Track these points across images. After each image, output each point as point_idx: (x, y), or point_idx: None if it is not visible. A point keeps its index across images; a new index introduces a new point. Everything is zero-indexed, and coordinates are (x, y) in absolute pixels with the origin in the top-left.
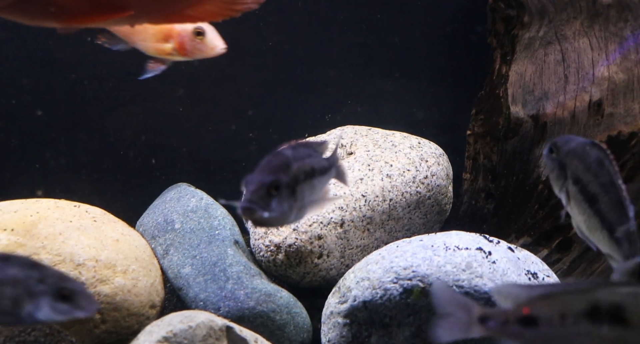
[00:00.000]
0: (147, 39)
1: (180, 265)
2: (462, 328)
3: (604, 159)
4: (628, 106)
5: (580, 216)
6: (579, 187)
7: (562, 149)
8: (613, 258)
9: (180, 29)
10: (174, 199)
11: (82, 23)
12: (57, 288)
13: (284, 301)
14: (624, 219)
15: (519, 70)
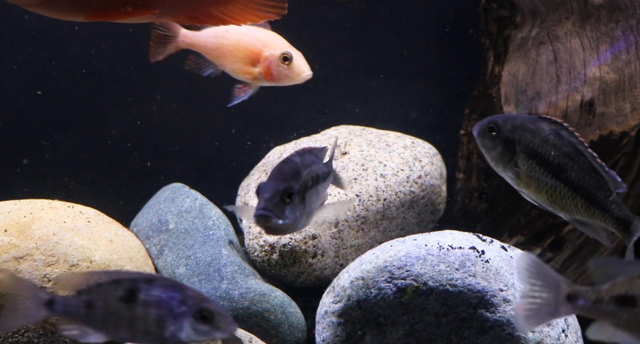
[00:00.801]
0: (236, 62)
1: (175, 265)
2: (549, 309)
3: (560, 131)
4: (619, 105)
5: (541, 187)
6: (537, 161)
7: (504, 126)
8: (584, 224)
9: (268, 53)
10: (168, 200)
11: (109, 18)
12: (198, 308)
13: (278, 300)
14: (601, 183)
15: (511, 71)
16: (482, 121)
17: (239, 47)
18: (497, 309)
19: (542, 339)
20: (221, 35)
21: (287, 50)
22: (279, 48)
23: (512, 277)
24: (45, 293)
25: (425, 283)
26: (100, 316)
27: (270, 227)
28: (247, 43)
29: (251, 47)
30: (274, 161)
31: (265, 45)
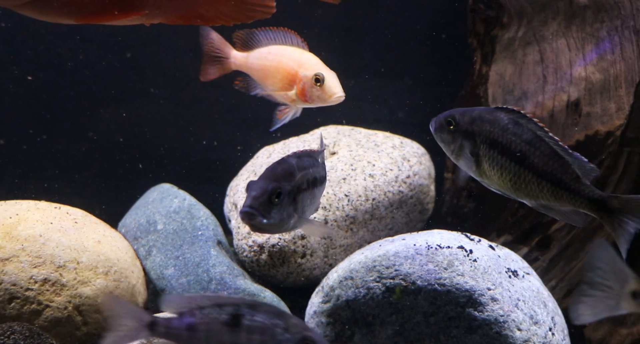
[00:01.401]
0: (275, 83)
1: (163, 266)
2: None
3: (519, 119)
4: (605, 105)
5: (504, 176)
6: (499, 150)
7: (462, 119)
8: (550, 208)
9: (303, 74)
10: (156, 200)
11: (98, 21)
12: (301, 337)
13: (267, 301)
14: (565, 167)
15: (499, 71)
16: (437, 116)
17: (278, 68)
18: (485, 308)
19: (530, 338)
20: (264, 56)
21: (319, 71)
22: (312, 69)
23: (500, 276)
24: (147, 315)
25: (414, 282)
26: (202, 339)
27: (254, 225)
28: (284, 64)
29: (288, 68)
30: (263, 161)
31: (301, 66)
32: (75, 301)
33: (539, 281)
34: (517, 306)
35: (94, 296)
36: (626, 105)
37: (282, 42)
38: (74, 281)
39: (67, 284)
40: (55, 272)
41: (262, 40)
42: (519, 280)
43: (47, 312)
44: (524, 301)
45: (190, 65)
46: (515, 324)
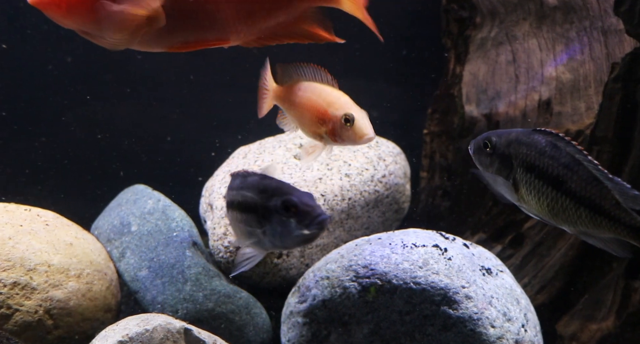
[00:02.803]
0: (306, 122)
1: (137, 268)
2: None
3: (557, 141)
4: (575, 104)
5: (542, 201)
6: (536, 174)
7: (499, 141)
8: (589, 235)
9: (332, 114)
10: (130, 201)
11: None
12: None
13: (243, 301)
14: (604, 192)
15: (472, 70)
16: (476, 138)
17: (308, 106)
18: (460, 306)
19: (503, 335)
20: (298, 93)
21: (349, 112)
22: (342, 108)
23: (474, 274)
24: None
25: (390, 281)
26: None
27: None
28: (314, 102)
29: (318, 107)
30: (239, 161)
31: (330, 105)
32: (46, 305)
33: (512, 278)
34: (490, 304)
35: (65, 299)
36: (595, 104)
37: (312, 78)
38: (45, 284)
39: (38, 288)
40: (25, 275)
41: (293, 75)
42: (492, 278)
43: (17, 316)
44: (497, 298)
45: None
46: (489, 322)
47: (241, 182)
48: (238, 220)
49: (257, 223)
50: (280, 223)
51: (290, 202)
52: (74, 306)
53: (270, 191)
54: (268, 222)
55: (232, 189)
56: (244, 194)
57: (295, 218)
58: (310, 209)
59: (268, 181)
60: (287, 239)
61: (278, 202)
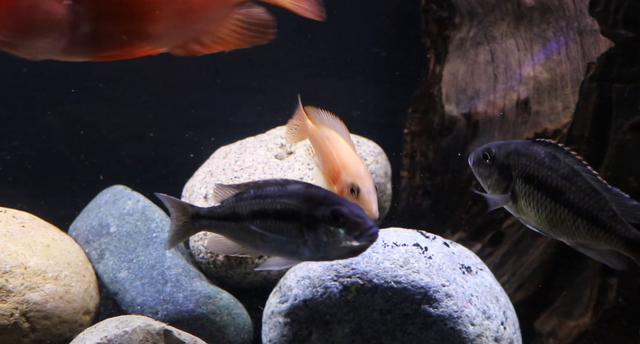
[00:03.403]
0: (323, 171)
1: (116, 269)
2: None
3: (556, 152)
4: (552, 104)
5: (540, 212)
6: (535, 185)
7: (498, 153)
8: (587, 246)
9: (343, 179)
10: (109, 202)
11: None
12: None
13: (224, 302)
14: (602, 204)
15: (451, 70)
16: (476, 150)
17: (328, 158)
18: (440, 304)
19: (482, 332)
20: (322, 139)
21: (356, 183)
22: (352, 177)
23: (454, 272)
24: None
25: (371, 280)
26: None
27: None
28: (334, 159)
29: (334, 165)
30: (219, 161)
31: (344, 169)
32: (22, 308)
33: (491, 276)
34: (470, 302)
35: (42, 301)
36: (572, 103)
37: (339, 131)
38: (21, 286)
39: (14, 291)
40: (1, 278)
41: (324, 120)
42: (472, 276)
43: None
44: (477, 296)
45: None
46: (469, 320)
47: (279, 190)
48: (271, 229)
49: (298, 232)
50: (327, 233)
51: (340, 212)
52: (51, 309)
53: (317, 199)
54: (312, 231)
55: (262, 197)
56: (285, 202)
57: (345, 229)
58: (362, 220)
59: (315, 189)
60: (333, 250)
61: (327, 212)
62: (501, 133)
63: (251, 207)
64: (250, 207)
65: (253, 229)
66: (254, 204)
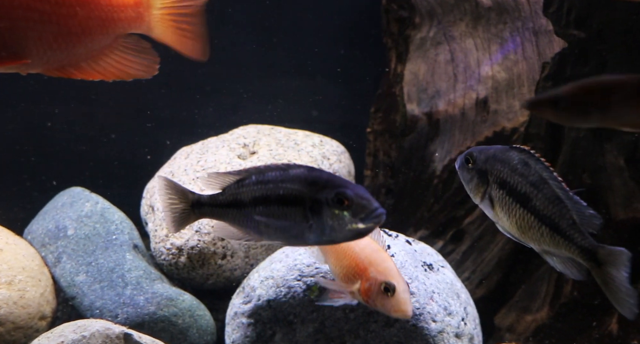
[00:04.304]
0: (339, 266)
1: (74, 273)
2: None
3: (528, 159)
4: (510, 103)
5: (511, 218)
6: (507, 191)
7: (479, 157)
8: (552, 255)
9: (372, 276)
10: (66, 204)
11: None
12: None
13: (186, 304)
14: (564, 212)
15: (413, 70)
16: (463, 153)
17: (347, 253)
18: None
19: (444, 329)
20: None
21: (392, 282)
22: (385, 274)
23: (416, 270)
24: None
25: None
26: None
27: None
28: (355, 254)
29: (358, 261)
30: (181, 162)
31: (372, 265)
32: None
33: (452, 273)
34: (432, 299)
35: None
36: None
37: None
38: None
39: None
40: None
41: None
42: (434, 273)
43: None
44: (438, 293)
45: None
46: (431, 316)
47: (281, 175)
48: (275, 215)
49: (302, 217)
50: (332, 217)
51: (345, 194)
52: (5, 315)
53: (321, 183)
54: (317, 215)
55: (264, 182)
56: (287, 187)
57: (350, 211)
58: (367, 202)
59: (318, 172)
60: (339, 234)
61: (331, 195)
62: (461, 132)
63: (253, 193)
64: (253, 193)
65: (257, 217)
66: (256, 190)
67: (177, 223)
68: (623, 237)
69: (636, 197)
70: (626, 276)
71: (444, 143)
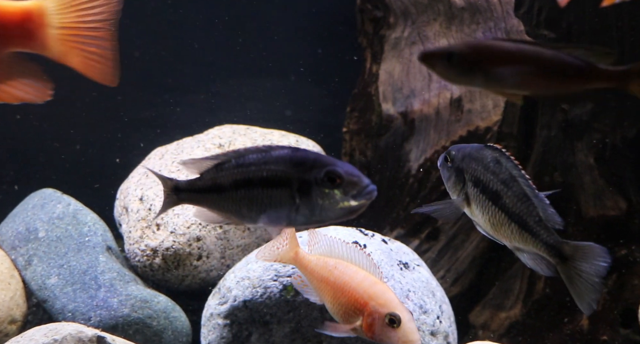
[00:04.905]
0: (337, 305)
1: (46, 276)
2: None
3: (500, 158)
4: (483, 102)
5: (485, 215)
6: (480, 188)
7: (456, 155)
8: (523, 251)
9: (374, 309)
10: (37, 206)
11: None
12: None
13: (161, 306)
14: (531, 209)
15: (388, 69)
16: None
17: (344, 290)
18: None
19: (419, 327)
20: (329, 269)
21: (396, 313)
22: (387, 306)
23: (392, 268)
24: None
25: None
26: None
27: None
28: (352, 289)
29: (356, 296)
30: (155, 162)
31: (373, 299)
32: None
33: (428, 271)
34: (407, 297)
35: None
36: (501, 102)
37: (353, 259)
38: None
39: None
40: None
41: (328, 247)
42: (409, 272)
43: None
44: (414, 291)
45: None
46: None
47: (263, 157)
48: (259, 198)
49: (288, 198)
50: (322, 196)
51: (336, 172)
52: None
53: (309, 163)
54: (305, 196)
55: (245, 165)
56: (272, 169)
57: (341, 189)
58: (358, 179)
59: (303, 153)
60: (329, 213)
61: (320, 174)
62: (436, 131)
63: (234, 176)
64: (233, 176)
65: (239, 199)
66: (237, 173)
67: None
68: (593, 234)
69: (605, 195)
70: (592, 271)
71: (420, 142)
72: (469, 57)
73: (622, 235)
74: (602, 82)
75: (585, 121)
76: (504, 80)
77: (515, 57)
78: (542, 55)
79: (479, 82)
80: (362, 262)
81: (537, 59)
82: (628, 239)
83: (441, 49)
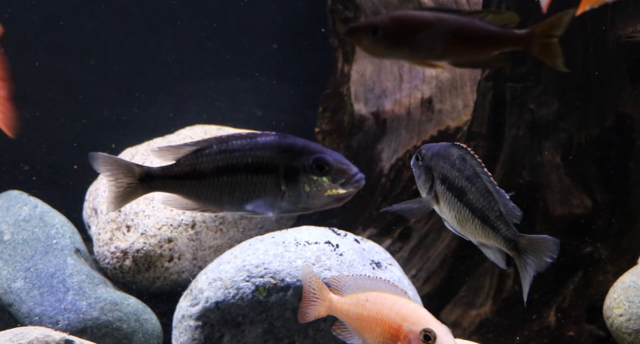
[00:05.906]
0: (375, 337)
1: (11, 279)
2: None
3: (465, 155)
4: (453, 102)
5: (451, 212)
6: (447, 185)
7: (426, 154)
8: (486, 246)
9: (408, 329)
10: (2, 208)
11: None
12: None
13: (131, 308)
14: (492, 204)
15: (359, 70)
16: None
17: (377, 319)
18: None
19: None
20: (361, 304)
21: (429, 327)
22: (420, 323)
23: (365, 268)
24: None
25: (283, 279)
26: None
27: None
28: (385, 316)
29: (390, 321)
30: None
31: (405, 320)
32: None
33: (400, 270)
34: None
35: None
36: (471, 102)
37: (381, 289)
38: None
39: None
40: None
41: (356, 286)
42: (382, 271)
43: None
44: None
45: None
46: None
47: (248, 143)
48: (242, 184)
49: (274, 185)
50: (309, 183)
51: (324, 160)
52: None
53: (297, 150)
54: (291, 183)
55: (229, 151)
56: (257, 155)
57: (329, 177)
58: (346, 166)
59: (291, 139)
60: (316, 200)
61: (308, 161)
62: (408, 131)
63: (216, 162)
64: (215, 162)
65: (220, 186)
66: (220, 160)
67: (120, 199)
68: (560, 231)
69: (572, 193)
70: (535, 265)
71: (391, 142)
72: (394, 29)
73: (587, 233)
74: (510, 45)
75: (552, 120)
76: (428, 50)
77: (436, 26)
78: (460, 23)
79: (404, 53)
80: (387, 289)
81: (455, 26)
82: (593, 236)
83: (366, 22)
